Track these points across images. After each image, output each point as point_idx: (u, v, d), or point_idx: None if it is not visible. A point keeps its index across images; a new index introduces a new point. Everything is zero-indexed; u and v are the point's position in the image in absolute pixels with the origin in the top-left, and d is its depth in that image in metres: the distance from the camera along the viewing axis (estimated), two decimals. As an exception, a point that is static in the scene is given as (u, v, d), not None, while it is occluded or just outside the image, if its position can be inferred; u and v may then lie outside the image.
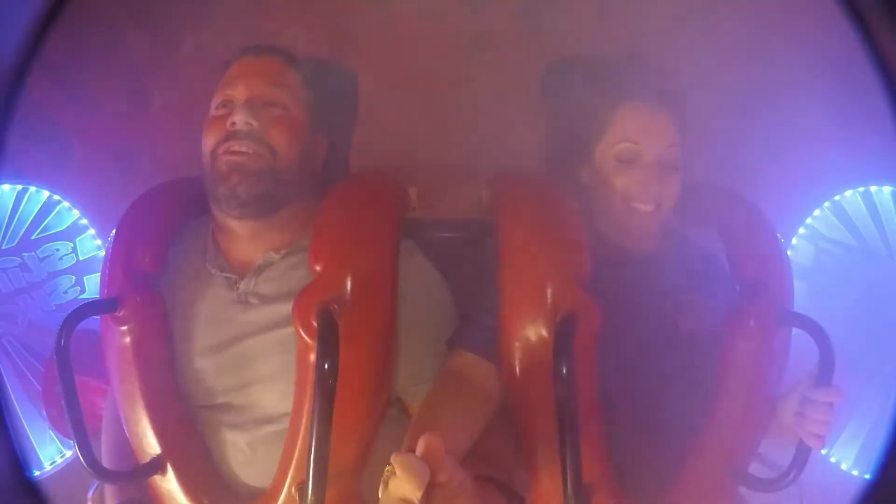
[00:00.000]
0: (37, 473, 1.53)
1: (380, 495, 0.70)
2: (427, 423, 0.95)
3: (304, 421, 0.95)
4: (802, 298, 1.59)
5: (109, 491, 1.10)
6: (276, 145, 1.05)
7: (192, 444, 1.04)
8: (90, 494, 1.11)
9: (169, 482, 1.02)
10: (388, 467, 0.68)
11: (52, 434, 1.57)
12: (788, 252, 1.54)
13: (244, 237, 1.09)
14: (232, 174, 1.03)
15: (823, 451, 1.57)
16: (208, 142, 1.06)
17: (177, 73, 1.61)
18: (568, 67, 1.26)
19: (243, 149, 1.03)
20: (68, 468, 1.58)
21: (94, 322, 1.05)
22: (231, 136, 1.04)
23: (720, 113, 1.56)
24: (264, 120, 1.05)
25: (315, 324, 0.92)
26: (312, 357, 0.92)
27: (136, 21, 1.61)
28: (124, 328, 1.02)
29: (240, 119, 1.03)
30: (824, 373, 0.95)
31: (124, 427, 1.05)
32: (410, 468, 0.66)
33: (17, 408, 1.52)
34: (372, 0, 1.64)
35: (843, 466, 1.57)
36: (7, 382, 1.51)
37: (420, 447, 0.69)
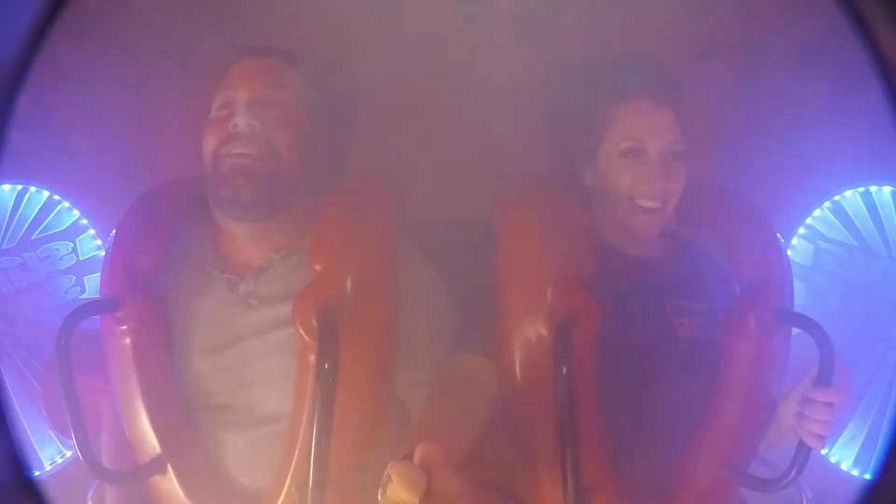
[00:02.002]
0: (37, 473, 1.53)
1: (378, 501, 0.71)
2: (428, 426, 0.95)
3: (304, 421, 0.95)
4: (802, 298, 1.59)
5: (109, 491, 1.10)
6: (279, 147, 1.05)
7: (192, 444, 1.04)
8: (90, 494, 1.11)
9: (169, 482, 1.02)
10: (385, 474, 0.69)
11: (52, 434, 1.57)
12: (788, 252, 1.54)
13: (245, 238, 1.09)
14: (236, 176, 1.03)
15: (823, 451, 1.57)
16: (209, 143, 1.05)
17: (178, 72, 1.61)
18: (568, 69, 1.26)
19: (246, 150, 1.03)
20: (68, 468, 1.58)
21: (94, 322, 1.04)
22: (233, 137, 1.03)
23: (720, 113, 1.56)
24: (267, 121, 1.04)
25: (315, 324, 0.92)
26: (312, 357, 0.92)
27: (138, 20, 1.61)
28: (124, 328, 1.02)
29: (242, 120, 1.03)
30: (824, 373, 0.95)
31: (124, 427, 1.05)
32: (407, 476, 0.66)
33: (17, 408, 1.52)
34: (371, 1, 1.64)
35: (843, 466, 1.57)
36: (7, 382, 1.51)
37: (417, 455, 0.70)
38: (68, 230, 1.65)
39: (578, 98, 1.18)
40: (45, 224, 1.64)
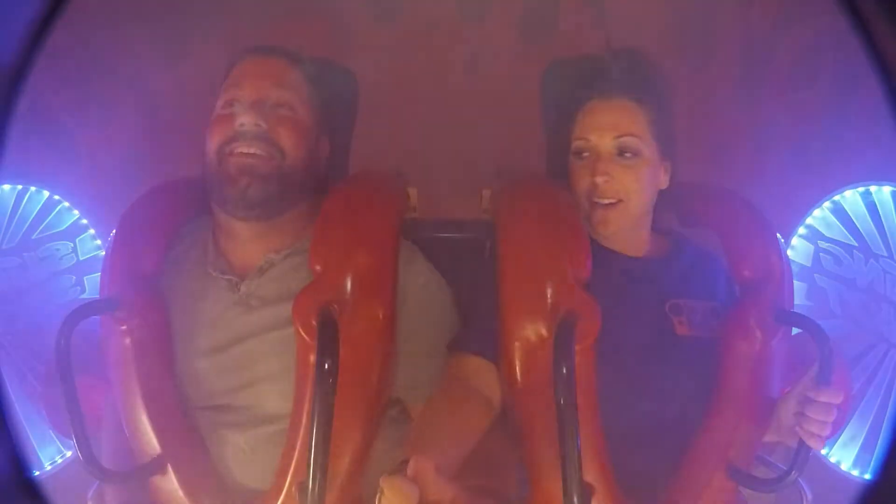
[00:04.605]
0: (37, 473, 1.53)
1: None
2: (426, 429, 0.95)
3: (304, 421, 0.95)
4: (802, 298, 1.59)
5: (109, 491, 1.10)
6: (284, 147, 1.05)
7: (192, 444, 1.04)
8: (90, 494, 1.11)
9: (169, 482, 1.02)
10: (379, 487, 0.70)
11: (52, 434, 1.57)
12: (788, 252, 1.55)
13: (246, 238, 1.09)
14: (241, 176, 1.03)
15: (823, 451, 1.57)
16: (214, 141, 1.05)
17: (178, 73, 1.62)
18: (561, 69, 1.27)
19: (252, 150, 1.03)
20: (68, 468, 1.58)
21: (94, 322, 1.04)
22: (239, 136, 1.03)
23: (720, 113, 1.57)
24: (273, 121, 1.05)
25: (315, 324, 0.92)
26: (312, 357, 0.92)
27: (138, 20, 1.61)
28: (124, 328, 1.02)
29: (248, 120, 1.03)
30: (824, 373, 0.95)
31: (124, 427, 1.05)
32: (399, 489, 0.67)
33: (17, 408, 1.52)
34: (373, 2, 1.64)
35: (843, 466, 1.58)
36: (7, 382, 1.51)
37: (410, 468, 0.70)
38: (68, 230, 1.65)
39: (562, 100, 1.18)
40: (45, 224, 1.64)
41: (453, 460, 0.87)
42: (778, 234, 1.15)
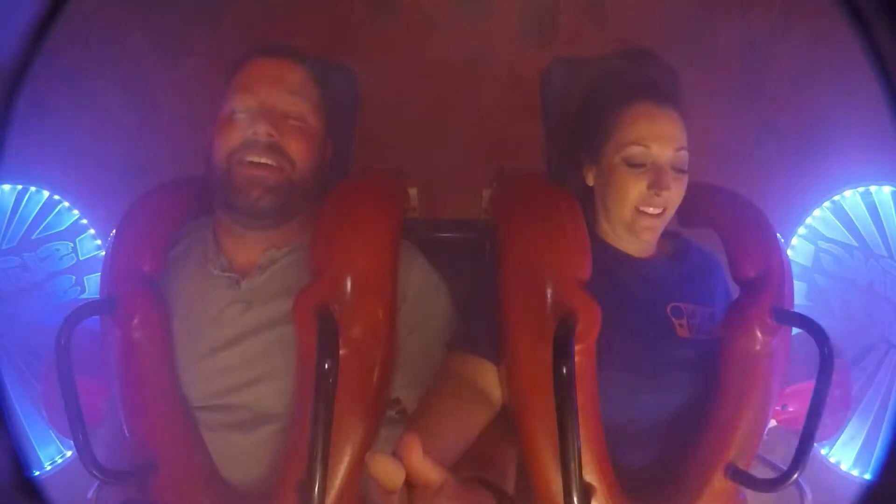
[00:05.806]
0: (37, 473, 1.53)
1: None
2: (421, 424, 0.95)
3: (304, 420, 0.95)
4: (802, 298, 1.59)
5: (109, 491, 1.10)
6: (295, 157, 1.05)
7: (192, 444, 1.03)
8: (90, 494, 1.11)
9: (169, 482, 1.02)
10: (365, 465, 0.68)
11: (52, 434, 1.57)
12: (788, 252, 1.55)
13: (248, 239, 1.09)
14: (253, 187, 1.02)
15: (823, 451, 1.57)
16: (223, 147, 1.04)
17: (179, 73, 1.62)
18: (569, 66, 1.26)
19: (264, 160, 1.03)
20: (68, 468, 1.58)
21: (94, 322, 1.04)
22: (251, 145, 1.03)
23: (720, 113, 1.57)
24: (285, 131, 1.04)
25: (315, 323, 0.92)
26: (312, 357, 0.92)
27: (139, 20, 1.61)
28: (124, 328, 1.02)
29: (262, 129, 1.02)
30: (824, 373, 0.95)
31: (124, 427, 1.05)
32: (384, 467, 0.65)
33: (17, 408, 1.52)
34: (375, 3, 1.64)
35: (843, 466, 1.58)
36: (7, 382, 1.51)
37: (397, 447, 0.69)
38: (68, 230, 1.66)
39: (580, 96, 1.17)
40: (45, 224, 1.64)
41: (447, 450, 0.87)
42: (778, 234, 1.15)
